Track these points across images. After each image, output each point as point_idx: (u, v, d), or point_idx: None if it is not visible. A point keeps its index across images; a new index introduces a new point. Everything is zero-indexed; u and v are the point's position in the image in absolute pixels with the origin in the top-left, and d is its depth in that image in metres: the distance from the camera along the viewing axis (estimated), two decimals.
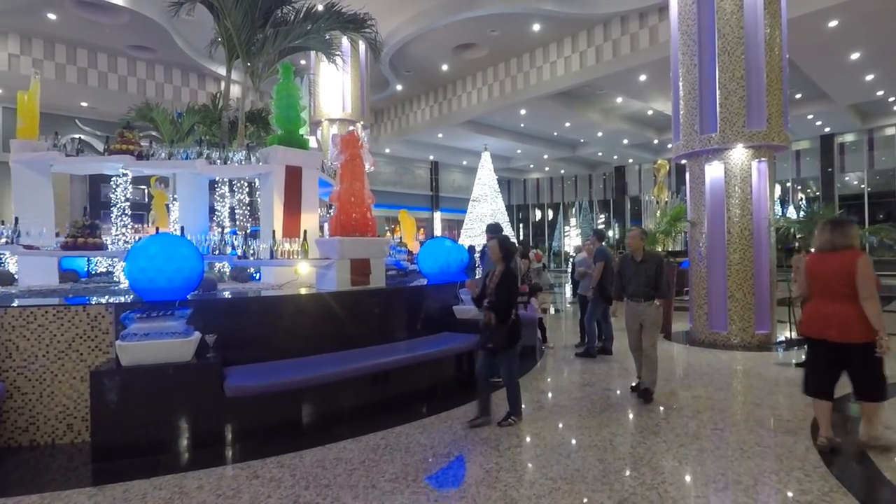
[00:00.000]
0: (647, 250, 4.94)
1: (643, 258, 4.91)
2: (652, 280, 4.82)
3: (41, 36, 15.31)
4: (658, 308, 4.86)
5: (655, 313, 4.85)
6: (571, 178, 30.58)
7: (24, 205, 6.37)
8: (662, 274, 4.84)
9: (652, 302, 4.82)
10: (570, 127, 20.82)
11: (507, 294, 4.06)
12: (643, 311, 4.84)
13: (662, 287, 4.85)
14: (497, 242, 4.19)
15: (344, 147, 5.13)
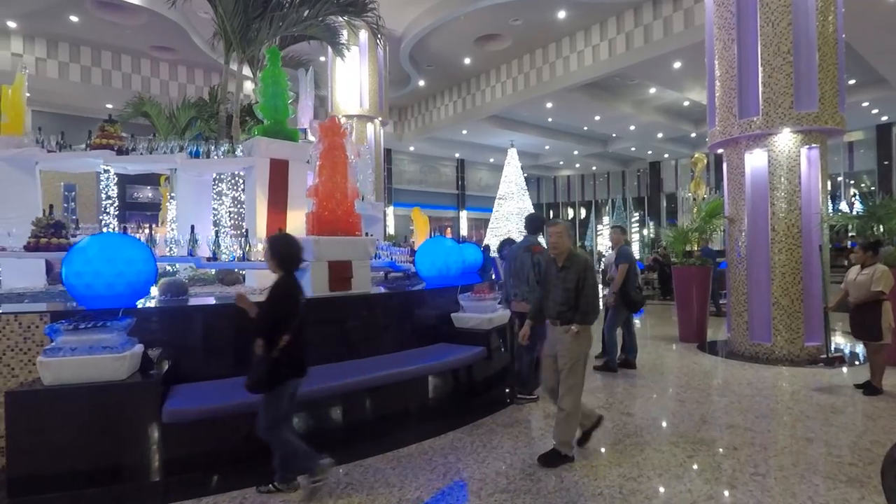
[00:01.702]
0: (573, 252, 3.55)
1: (564, 263, 3.54)
2: (571, 295, 3.45)
3: (67, 39, 15.47)
4: (576, 336, 3.41)
5: (571, 344, 3.42)
6: (604, 175, 29.39)
7: (8, 204, 6.10)
8: (584, 287, 3.44)
9: (568, 327, 3.43)
10: (600, 121, 19.81)
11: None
12: (558, 340, 3.53)
13: (584, 306, 3.43)
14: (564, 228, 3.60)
15: (324, 135, 4.56)
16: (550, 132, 21.77)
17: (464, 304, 5.26)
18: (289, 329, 2.84)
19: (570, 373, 3.44)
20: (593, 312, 3.46)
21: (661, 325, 9.37)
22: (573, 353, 3.45)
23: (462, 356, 4.57)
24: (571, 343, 3.44)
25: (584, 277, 3.45)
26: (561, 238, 3.55)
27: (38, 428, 3.05)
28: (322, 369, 3.99)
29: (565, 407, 3.43)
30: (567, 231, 3.60)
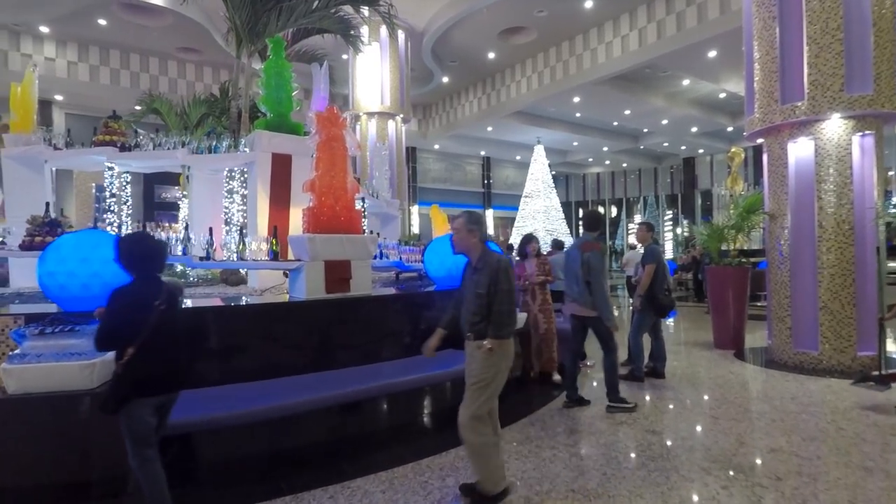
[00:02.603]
0: (486, 252, 2.91)
1: (476, 264, 2.92)
2: (483, 303, 2.78)
3: (97, 43, 15.75)
4: (488, 353, 2.75)
5: (482, 362, 2.79)
6: (635, 172, 28.43)
7: (16, 202, 6.05)
8: (497, 293, 2.75)
9: (481, 342, 2.78)
10: (630, 115, 19.05)
11: None
12: (468, 355, 2.91)
13: (496, 316, 2.76)
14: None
15: (321, 126, 4.27)
16: (579, 128, 21.13)
17: None
18: (132, 342, 2.42)
19: (471, 395, 2.80)
20: (508, 324, 2.81)
21: (695, 330, 8.77)
22: (480, 373, 2.79)
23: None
24: (482, 361, 2.78)
25: (497, 281, 2.76)
26: (460, 233, 2.91)
27: (1, 440, 2.84)
28: (316, 378, 3.70)
29: (468, 441, 2.79)
30: (467, 225, 2.89)
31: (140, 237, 2.77)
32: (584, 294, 4.42)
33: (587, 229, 4.74)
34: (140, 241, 2.68)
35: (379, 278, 6.86)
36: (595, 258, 4.40)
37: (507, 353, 2.87)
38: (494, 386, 2.84)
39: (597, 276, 4.38)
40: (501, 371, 2.85)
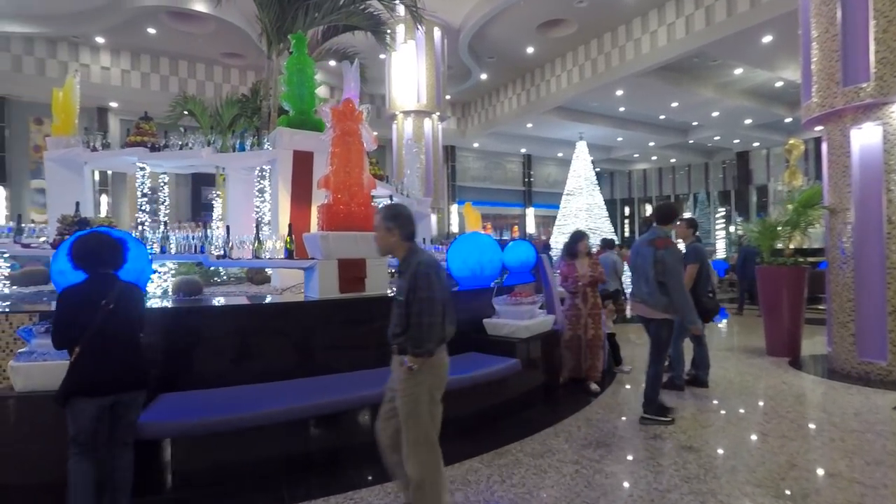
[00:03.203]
0: (412, 252, 2.54)
1: (401, 267, 2.60)
2: (403, 312, 2.45)
3: (147, 51, 16.45)
4: (409, 373, 2.43)
5: (404, 384, 2.46)
6: (684, 168, 27.17)
7: (58, 202, 6.26)
8: (413, 302, 2.39)
9: (402, 359, 2.47)
10: (678, 108, 18.14)
11: None
12: (392, 370, 2.63)
13: (413, 329, 2.40)
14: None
15: (336, 120, 4.13)
16: (623, 122, 20.35)
17: (498, 309, 4.65)
18: (77, 341, 2.40)
19: (407, 425, 2.46)
20: (429, 339, 2.37)
21: (746, 335, 8.15)
22: (407, 397, 2.45)
23: (489, 370, 3.96)
24: (405, 382, 2.45)
25: (415, 288, 2.38)
26: (378, 232, 2.57)
27: (7, 438, 2.84)
28: (322, 381, 3.56)
29: (411, 475, 2.45)
30: (384, 222, 2.53)
31: (89, 236, 2.69)
32: (654, 294, 4.08)
33: (660, 223, 4.32)
34: (88, 240, 2.62)
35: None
36: (670, 255, 4.03)
37: (435, 372, 2.48)
38: (422, 410, 2.44)
39: (673, 276, 4.00)
40: (426, 394, 2.45)
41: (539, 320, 4.67)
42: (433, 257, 2.56)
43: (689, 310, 4.04)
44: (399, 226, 2.53)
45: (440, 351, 2.51)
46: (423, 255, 2.53)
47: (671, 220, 4.34)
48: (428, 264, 2.46)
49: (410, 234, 2.57)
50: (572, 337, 5.18)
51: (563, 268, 5.30)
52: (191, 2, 13.23)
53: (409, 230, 2.56)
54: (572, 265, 5.25)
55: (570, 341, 5.19)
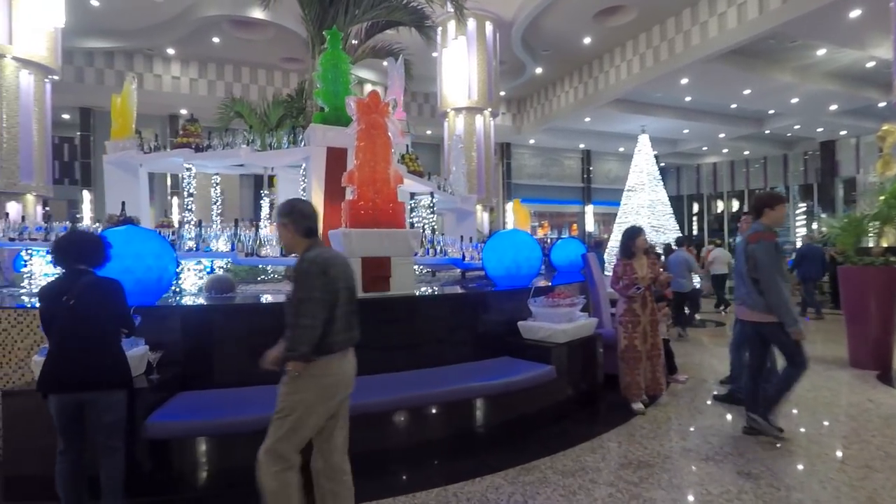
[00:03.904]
0: (309, 248, 2.38)
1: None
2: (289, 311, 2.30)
3: (213, 60, 17.31)
4: (290, 387, 2.27)
5: (281, 390, 2.30)
6: (759, 161, 25.20)
7: (115, 202, 6.59)
8: (293, 304, 2.26)
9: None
10: (751, 95, 16.76)
11: None
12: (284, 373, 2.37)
13: (288, 330, 2.26)
14: None
15: (361, 113, 4.00)
16: (689, 113, 19.13)
17: (534, 311, 4.34)
18: (50, 335, 2.46)
19: (271, 425, 2.27)
20: (302, 341, 2.19)
21: (827, 343, 7.28)
22: (280, 399, 2.28)
23: (519, 378, 3.69)
24: (283, 386, 2.29)
25: (295, 288, 2.27)
26: (277, 228, 2.45)
27: (32, 430, 2.90)
28: None
29: (258, 479, 2.24)
30: (280, 218, 2.40)
31: (67, 234, 2.78)
32: (751, 294, 3.70)
33: (756, 215, 3.93)
34: (65, 237, 2.68)
35: (444, 276, 6.53)
36: (762, 250, 3.62)
37: (318, 383, 2.27)
38: (296, 418, 2.24)
39: (766, 272, 3.59)
40: (303, 406, 2.25)
41: (579, 324, 4.32)
42: (326, 255, 2.34)
43: (785, 311, 3.56)
44: (293, 221, 2.38)
45: (330, 360, 2.29)
46: (315, 252, 2.33)
47: (761, 209, 3.86)
48: (313, 261, 2.28)
49: (308, 230, 2.39)
50: (628, 347, 4.48)
51: (616, 267, 4.64)
52: (250, 10, 13.72)
53: (304, 225, 2.39)
54: (629, 265, 4.57)
55: (627, 352, 4.47)
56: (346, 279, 2.40)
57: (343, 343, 2.35)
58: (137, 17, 14.20)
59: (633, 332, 4.48)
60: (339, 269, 2.37)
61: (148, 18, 14.36)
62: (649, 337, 4.55)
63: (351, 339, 2.41)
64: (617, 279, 4.58)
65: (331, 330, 2.27)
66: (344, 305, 2.34)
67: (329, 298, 2.27)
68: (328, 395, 2.32)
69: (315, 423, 2.31)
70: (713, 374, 5.60)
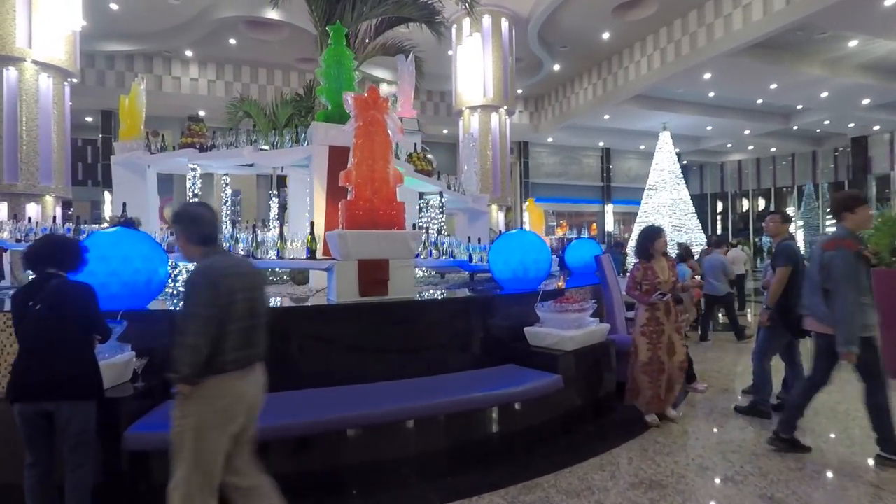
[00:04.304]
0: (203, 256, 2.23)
1: None
2: None
3: (230, 61, 17.43)
4: (179, 410, 2.09)
5: (174, 411, 2.12)
6: (787, 158, 24.42)
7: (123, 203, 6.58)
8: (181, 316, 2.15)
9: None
10: (778, 90, 16.17)
11: None
12: None
13: (177, 352, 2.03)
14: None
15: (359, 110, 3.83)
16: (712, 109, 18.61)
17: (542, 316, 4.12)
18: (19, 341, 2.37)
19: (174, 461, 2.09)
20: (185, 361, 2.00)
21: None
22: (174, 429, 2.09)
23: (523, 388, 3.48)
24: (173, 410, 2.11)
25: (183, 304, 2.12)
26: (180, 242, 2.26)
27: (8, 440, 2.80)
28: (328, 393, 3.26)
29: None
30: (173, 226, 2.26)
31: (41, 237, 2.69)
32: (821, 306, 3.42)
33: (836, 218, 3.59)
34: (35, 241, 2.59)
35: (454, 279, 6.34)
36: (840, 258, 3.30)
37: (208, 405, 2.06)
38: (191, 448, 2.05)
39: (838, 284, 3.30)
40: (192, 430, 2.04)
41: (589, 330, 4.08)
42: (219, 265, 2.15)
43: (844, 328, 3.25)
44: (183, 228, 2.22)
45: (222, 380, 2.09)
46: (208, 261, 2.15)
47: (839, 213, 3.50)
48: (201, 273, 2.10)
49: (201, 237, 2.21)
50: (652, 359, 4.06)
51: (635, 271, 4.22)
52: (264, 10, 13.72)
53: (194, 232, 2.21)
54: (650, 268, 4.15)
55: (650, 364, 4.05)
56: (246, 290, 2.18)
57: (239, 361, 2.14)
58: (155, 19, 14.35)
59: (657, 343, 4.07)
60: (235, 279, 2.15)
61: (166, 21, 14.50)
62: (677, 347, 4.14)
63: (251, 356, 2.20)
64: (636, 284, 4.17)
65: (222, 348, 2.07)
66: (241, 320, 2.14)
67: (217, 314, 2.06)
68: (223, 418, 2.10)
69: (214, 450, 2.09)
70: (734, 384, 5.29)
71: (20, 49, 9.44)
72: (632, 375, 4.15)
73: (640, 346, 4.12)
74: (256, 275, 2.32)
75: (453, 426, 3.39)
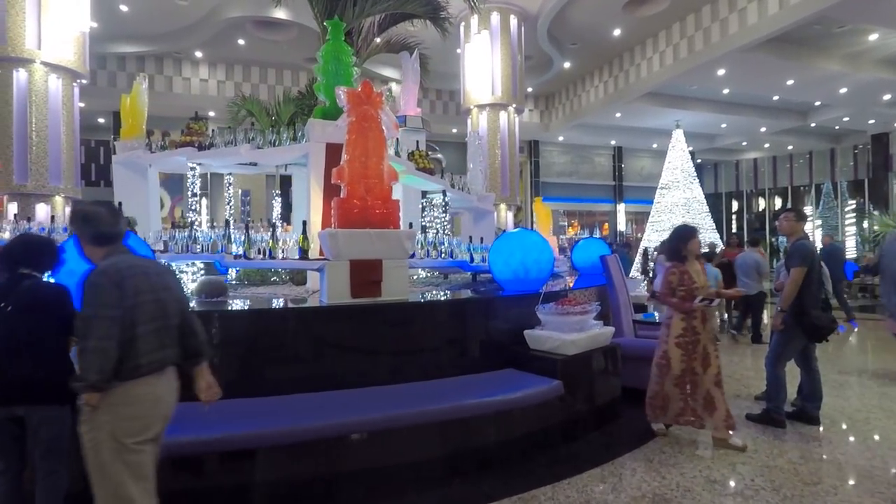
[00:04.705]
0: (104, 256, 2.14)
1: None
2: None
3: (239, 62, 17.48)
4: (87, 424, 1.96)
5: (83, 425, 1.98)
6: (804, 156, 23.85)
7: (125, 203, 6.52)
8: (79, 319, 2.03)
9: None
10: (794, 86, 15.76)
11: None
12: None
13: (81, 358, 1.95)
14: None
15: (352, 104, 3.71)
16: (727, 106, 18.21)
17: (542, 319, 3.95)
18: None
19: (93, 480, 1.97)
20: (90, 367, 1.89)
21: (883, 354, 6.60)
22: (86, 443, 1.96)
23: (519, 394, 3.33)
24: (82, 424, 1.98)
25: (82, 306, 1.99)
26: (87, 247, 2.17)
27: None
28: (319, 398, 3.14)
29: None
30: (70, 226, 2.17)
31: (15, 237, 2.59)
32: None
33: None
34: (10, 241, 2.49)
35: (457, 280, 6.20)
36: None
37: (119, 412, 1.95)
38: (106, 461, 1.93)
39: None
40: (109, 440, 1.93)
41: (591, 333, 3.90)
42: (123, 264, 2.04)
43: None
44: (77, 228, 2.13)
45: (134, 386, 1.97)
46: (110, 261, 2.05)
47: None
48: (103, 273, 2.00)
49: (97, 237, 2.12)
50: (685, 371, 3.74)
51: (670, 275, 3.83)
52: (271, 10, 13.70)
53: (90, 232, 2.12)
54: (685, 271, 3.80)
55: (682, 377, 3.74)
56: (155, 290, 2.09)
57: (153, 365, 2.04)
58: (164, 20, 14.40)
59: (692, 354, 3.73)
60: (141, 279, 2.06)
61: (175, 22, 14.55)
62: (712, 359, 3.76)
63: (164, 359, 2.09)
64: (671, 290, 3.80)
65: (135, 351, 1.97)
66: (152, 321, 2.04)
67: (122, 315, 1.96)
68: (141, 425, 1.99)
69: (138, 462, 1.98)
70: (747, 389, 5.08)
71: (29, 50, 9.49)
72: (659, 389, 3.81)
73: (673, 357, 3.78)
74: (166, 275, 2.24)
75: (447, 433, 3.24)
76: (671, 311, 3.87)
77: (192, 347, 2.25)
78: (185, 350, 2.23)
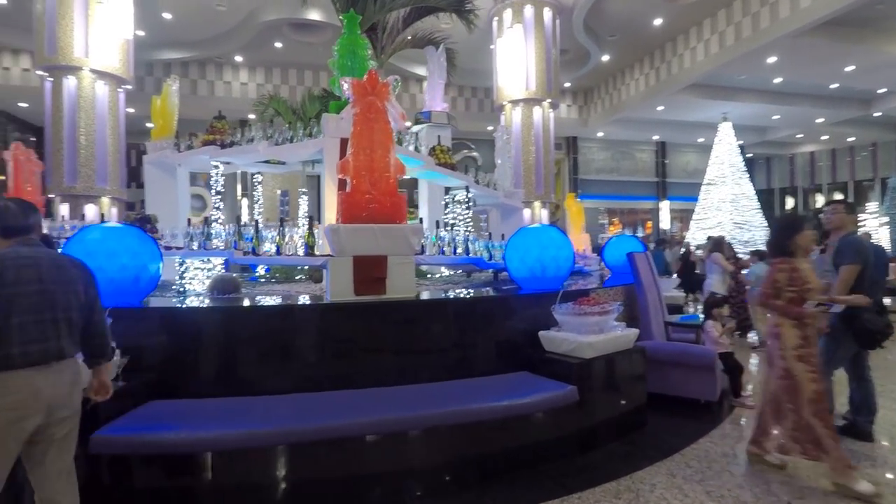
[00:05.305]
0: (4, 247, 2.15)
1: None
2: None
3: (278, 65, 17.85)
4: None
5: None
6: (867, 148, 22.21)
7: (155, 201, 6.71)
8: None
9: None
10: (855, 72, 14.65)
11: None
12: None
13: None
14: None
15: (357, 95, 3.59)
16: (779, 96, 17.16)
17: (559, 319, 3.72)
18: None
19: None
20: None
21: None
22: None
23: (528, 400, 3.12)
24: None
25: None
26: None
27: None
28: (318, 398, 3.03)
29: None
30: None
31: None
32: None
33: None
34: None
35: (479, 278, 6.00)
36: None
37: None
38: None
39: None
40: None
41: (612, 335, 3.63)
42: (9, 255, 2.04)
43: None
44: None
45: (7, 377, 1.93)
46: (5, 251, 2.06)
47: None
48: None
49: (4, 230, 2.13)
50: (820, 393, 3.10)
51: (775, 273, 3.21)
52: (307, 13, 13.89)
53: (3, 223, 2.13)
54: (796, 269, 3.16)
55: (821, 404, 3.09)
56: (44, 282, 2.06)
57: (29, 356, 1.98)
58: (206, 26, 14.87)
59: (816, 370, 3.11)
60: (27, 270, 2.04)
61: (215, 27, 15.00)
62: (809, 377, 3.09)
63: (47, 351, 2.03)
64: (776, 291, 3.18)
65: (7, 340, 1.94)
66: (33, 313, 2.01)
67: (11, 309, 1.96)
68: (13, 416, 1.94)
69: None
70: None
71: (78, 58, 9.95)
72: (798, 419, 3.07)
73: (800, 377, 3.08)
74: (69, 270, 2.18)
75: (451, 438, 3.06)
76: (776, 317, 3.24)
77: (95, 347, 2.25)
78: (88, 349, 2.23)
